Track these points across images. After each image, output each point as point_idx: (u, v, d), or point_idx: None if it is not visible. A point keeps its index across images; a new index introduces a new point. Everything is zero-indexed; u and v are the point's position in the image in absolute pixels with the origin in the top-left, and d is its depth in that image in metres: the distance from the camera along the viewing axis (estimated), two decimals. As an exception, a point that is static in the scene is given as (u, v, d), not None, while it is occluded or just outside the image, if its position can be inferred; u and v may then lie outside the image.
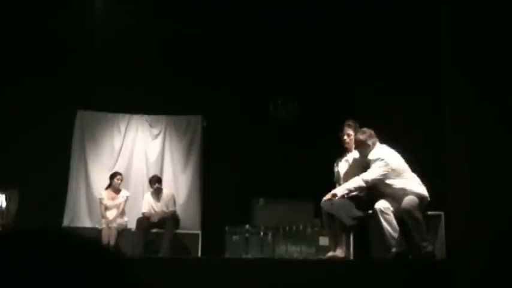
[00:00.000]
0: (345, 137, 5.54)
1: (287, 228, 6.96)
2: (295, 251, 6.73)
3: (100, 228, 7.51)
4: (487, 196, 3.93)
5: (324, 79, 8.25)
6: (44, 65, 8.21)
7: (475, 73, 4.28)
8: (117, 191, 7.84)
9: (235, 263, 5.28)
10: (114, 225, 7.48)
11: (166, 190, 7.97)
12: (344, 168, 5.56)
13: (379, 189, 5.17)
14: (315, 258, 6.33)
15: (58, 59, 8.27)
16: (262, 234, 7.14)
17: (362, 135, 5.28)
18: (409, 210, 4.91)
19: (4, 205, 7.58)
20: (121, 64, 8.24)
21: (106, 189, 7.87)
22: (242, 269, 4.64)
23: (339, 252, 5.11)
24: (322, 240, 6.50)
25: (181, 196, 8.44)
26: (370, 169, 5.14)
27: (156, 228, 7.62)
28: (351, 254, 5.42)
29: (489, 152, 4.04)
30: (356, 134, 5.37)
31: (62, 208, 8.12)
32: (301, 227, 6.87)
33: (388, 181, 5.09)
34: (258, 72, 8.41)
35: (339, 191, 5.19)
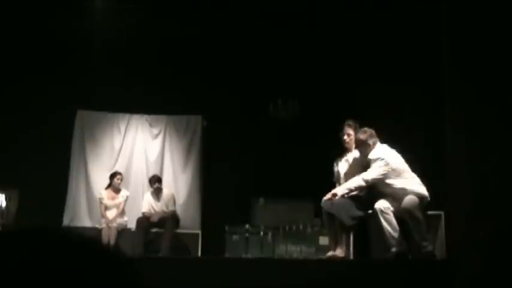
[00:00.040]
0: (345, 137, 5.54)
1: (287, 228, 6.96)
2: (295, 251, 6.73)
3: (100, 228, 7.51)
4: (487, 196, 3.93)
5: (324, 79, 8.25)
6: (44, 65, 8.21)
7: (475, 73, 4.27)
8: (117, 191, 7.84)
9: (235, 263, 5.28)
10: (114, 225, 7.48)
11: (166, 190, 7.97)
12: (344, 168, 5.56)
13: (379, 188, 5.18)
14: (315, 258, 6.33)
15: (58, 59, 8.27)
16: (262, 234, 7.14)
17: (363, 134, 5.28)
18: (410, 209, 4.91)
19: (4, 205, 7.58)
20: (121, 64, 8.24)
21: (106, 188, 7.87)
22: (242, 269, 4.64)
23: (339, 252, 5.12)
24: (322, 240, 6.50)
25: (181, 196, 8.44)
26: (370, 169, 5.14)
27: (156, 228, 7.62)
28: (351, 254, 5.42)
29: (489, 152, 4.04)
30: (356, 134, 5.37)
31: (62, 208, 8.12)
32: (301, 227, 6.87)
33: (388, 181, 5.09)
34: (258, 72, 8.41)
35: (339, 191, 5.19)
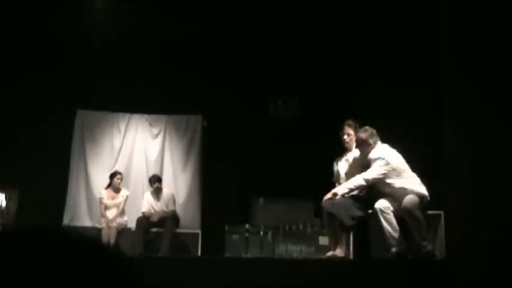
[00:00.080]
0: (345, 137, 5.53)
1: (287, 227, 6.95)
2: (295, 251, 6.73)
3: (100, 227, 7.52)
4: (487, 196, 3.93)
5: (324, 79, 8.25)
6: (44, 65, 8.21)
7: (475, 73, 4.27)
8: (117, 191, 7.84)
9: (235, 263, 5.28)
10: (114, 224, 7.48)
11: (166, 189, 7.97)
12: (344, 167, 5.56)
13: (379, 188, 5.17)
14: (315, 257, 6.33)
15: (58, 59, 8.27)
16: (262, 233, 7.14)
17: (363, 133, 5.26)
18: (410, 209, 4.91)
19: (4, 204, 7.57)
20: (121, 64, 8.24)
21: (106, 188, 7.87)
22: (242, 269, 4.64)
23: (339, 251, 5.11)
24: (322, 239, 6.51)
25: (181, 195, 8.44)
26: (370, 168, 5.13)
27: (156, 227, 7.62)
28: (351, 254, 5.42)
29: (489, 152, 4.04)
30: (357, 133, 5.37)
31: (62, 207, 8.12)
32: (301, 227, 6.87)
33: (389, 180, 5.09)
34: (258, 72, 8.41)
35: (340, 190, 5.19)
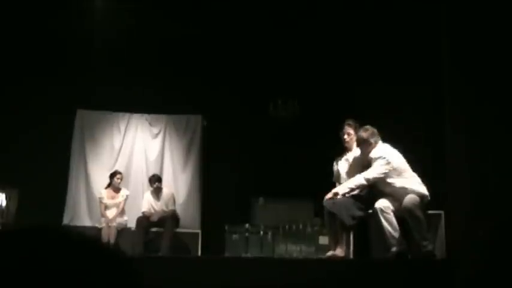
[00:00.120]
0: (345, 136, 5.52)
1: (287, 227, 6.95)
2: (295, 250, 6.73)
3: (100, 227, 7.52)
4: (487, 196, 3.93)
5: (324, 79, 8.25)
6: (44, 65, 8.21)
7: (475, 73, 4.28)
8: (117, 190, 7.84)
9: (235, 262, 5.28)
10: (114, 224, 7.48)
11: (166, 189, 7.97)
12: (344, 167, 5.55)
13: (379, 188, 5.17)
14: (315, 257, 6.33)
15: (58, 59, 8.26)
16: (262, 233, 7.13)
17: (364, 132, 5.25)
18: (410, 208, 4.90)
19: (4, 204, 7.57)
20: (121, 64, 8.24)
21: (106, 188, 7.87)
22: (242, 268, 4.64)
23: (339, 251, 5.11)
24: (322, 239, 6.50)
25: (181, 195, 8.44)
26: (371, 167, 5.12)
27: (156, 227, 7.62)
28: (351, 253, 5.42)
29: (489, 152, 4.05)
30: (358, 132, 5.36)
31: (62, 207, 8.12)
32: (301, 226, 6.87)
33: (389, 180, 5.08)
34: (258, 72, 8.40)
35: (341, 190, 5.18)
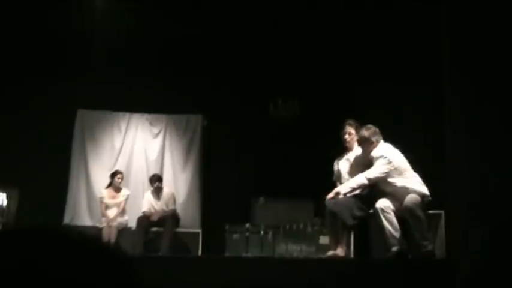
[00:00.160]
0: (346, 136, 5.49)
1: (287, 227, 6.94)
2: (295, 250, 6.72)
3: (100, 227, 7.52)
4: (487, 196, 3.94)
5: (324, 78, 8.25)
6: (44, 65, 8.21)
7: (475, 73, 4.29)
8: (117, 190, 7.84)
9: (235, 262, 5.28)
10: (114, 224, 7.48)
11: (166, 189, 7.98)
12: (345, 166, 5.52)
13: (380, 187, 5.16)
14: (315, 257, 6.32)
15: (58, 59, 8.26)
16: (262, 233, 7.13)
17: (366, 131, 5.23)
18: (411, 208, 4.89)
19: (5, 204, 7.58)
20: (121, 63, 8.24)
21: (106, 188, 7.88)
22: (242, 268, 4.64)
23: (340, 251, 5.10)
24: (322, 239, 6.49)
25: (181, 195, 8.44)
26: (373, 167, 5.11)
27: (156, 226, 7.63)
28: (351, 253, 5.42)
29: (489, 152, 4.05)
30: (359, 132, 5.35)
31: (62, 207, 8.13)
32: (301, 226, 6.86)
33: (390, 179, 5.07)
34: (258, 71, 8.40)
35: (342, 189, 5.16)
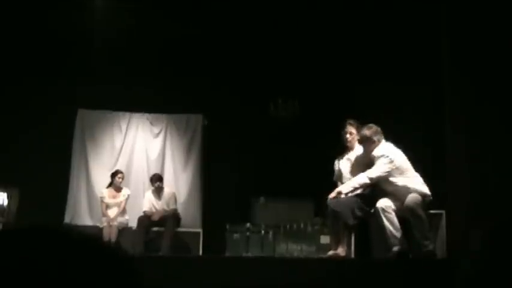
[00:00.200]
0: (347, 135, 5.47)
1: (287, 226, 6.95)
2: (295, 250, 6.72)
3: (101, 226, 7.53)
4: (487, 196, 3.95)
5: (324, 78, 8.25)
6: (44, 65, 8.21)
7: (475, 73, 4.29)
8: (118, 189, 7.85)
9: (235, 262, 5.29)
10: (115, 223, 7.49)
11: (167, 188, 7.98)
12: (346, 166, 5.51)
13: (381, 186, 5.15)
14: (316, 256, 6.33)
15: (58, 59, 8.26)
16: (262, 232, 7.13)
17: (368, 130, 5.21)
18: (412, 207, 4.89)
19: (5, 203, 7.58)
20: (121, 63, 8.24)
21: (107, 187, 7.88)
22: (243, 268, 4.65)
23: (340, 250, 5.10)
24: (322, 238, 6.50)
25: (182, 194, 8.44)
26: (374, 166, 5.10)
27: (157, 226, 7.64)
28: (352, 253, 5.42)
29: (489, 152, 4.06)
30: (360, 131, 5.33)
31: (63, 206, 8.13)
32: (301, 226, 6.86)
33: (392, 179, 5.06)
34: (258, 71, 8.41)
35: (344, 189, 5.15)
